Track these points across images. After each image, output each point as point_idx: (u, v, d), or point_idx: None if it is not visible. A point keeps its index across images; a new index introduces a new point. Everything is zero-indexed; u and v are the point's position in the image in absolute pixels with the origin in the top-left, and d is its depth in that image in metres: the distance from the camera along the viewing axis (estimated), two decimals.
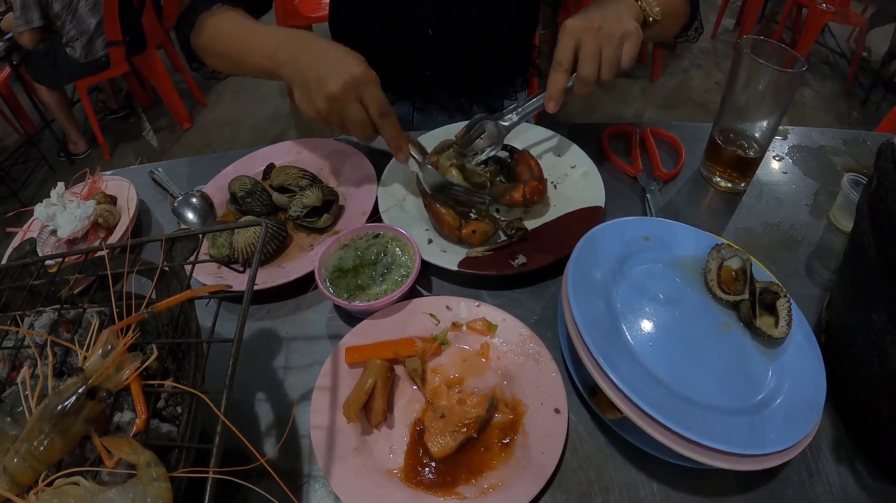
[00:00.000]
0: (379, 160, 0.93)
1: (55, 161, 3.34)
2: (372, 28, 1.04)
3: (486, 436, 0.61)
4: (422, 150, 0.86)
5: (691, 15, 0.95)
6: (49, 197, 0.90)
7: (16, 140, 3.45)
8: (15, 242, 0.92)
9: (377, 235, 0.78)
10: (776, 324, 0.64)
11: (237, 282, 0.76)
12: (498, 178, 0.87)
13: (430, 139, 0.95)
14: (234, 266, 0.65)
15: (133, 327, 0.51)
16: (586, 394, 0.63)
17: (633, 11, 0.80)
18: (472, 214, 0.80)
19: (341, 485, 0.57)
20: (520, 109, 0.87)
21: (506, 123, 0.87)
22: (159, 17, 3.30)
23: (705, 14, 3.99)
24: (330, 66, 0.75)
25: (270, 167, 0.96)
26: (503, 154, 0.87)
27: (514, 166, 0.86)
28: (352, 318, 0.75)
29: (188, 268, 0.59)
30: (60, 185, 0.92)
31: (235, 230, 0.80)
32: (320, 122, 0.77)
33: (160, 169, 1.01)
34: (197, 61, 0.97)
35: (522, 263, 0.75)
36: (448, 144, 0.88)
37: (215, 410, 0.45)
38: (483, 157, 0.87)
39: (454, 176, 0.82)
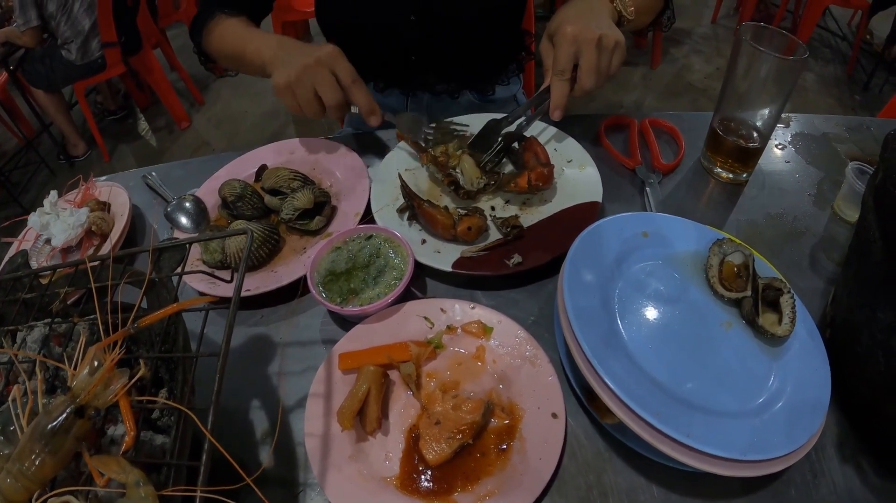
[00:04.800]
0: (370, 159, 0.92)
1: (55, 164, 3.34)
2: (356, 16, 1.05)
3: (482, 442, 0.60)
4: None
5: (664, 4, 0.98)
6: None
7: (15, 144, 3.45)
8: (11, 252, 0.91)
9: (370, 237, 0.77)
10: (779, 321, 0.62)
11: (230, 288, 0.75)
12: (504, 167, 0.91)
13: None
14: (219, 276, 0.64)
15: (120, 343, 0.50)
16: (584, 398, 0.61)
17: (608, 11, 0.85)
18: (460, 211, 0.79)
19: (336, 494, 0.57)
20: (525, 116, 0.93)
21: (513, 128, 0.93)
22: (154, 16, 3.29)
23: None
24: (305, 49, 0.86)
25: (262, 168, 0.95)
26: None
27: (521, 153, 0.88)
28: (346, 322, 0.74)
29: (176, 278, 0.57)
30: (53, 193, 0.92)
31: None
32: (289, 92, 0.84)
33: (154, 173, 1.01)
34: (211, 61, 1.10)
35: (518, 263, 0.74)
36: (447, 138, 0.92)
37: (202, 428, 0.44)
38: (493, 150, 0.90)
39: (467, 163, 0.85)
